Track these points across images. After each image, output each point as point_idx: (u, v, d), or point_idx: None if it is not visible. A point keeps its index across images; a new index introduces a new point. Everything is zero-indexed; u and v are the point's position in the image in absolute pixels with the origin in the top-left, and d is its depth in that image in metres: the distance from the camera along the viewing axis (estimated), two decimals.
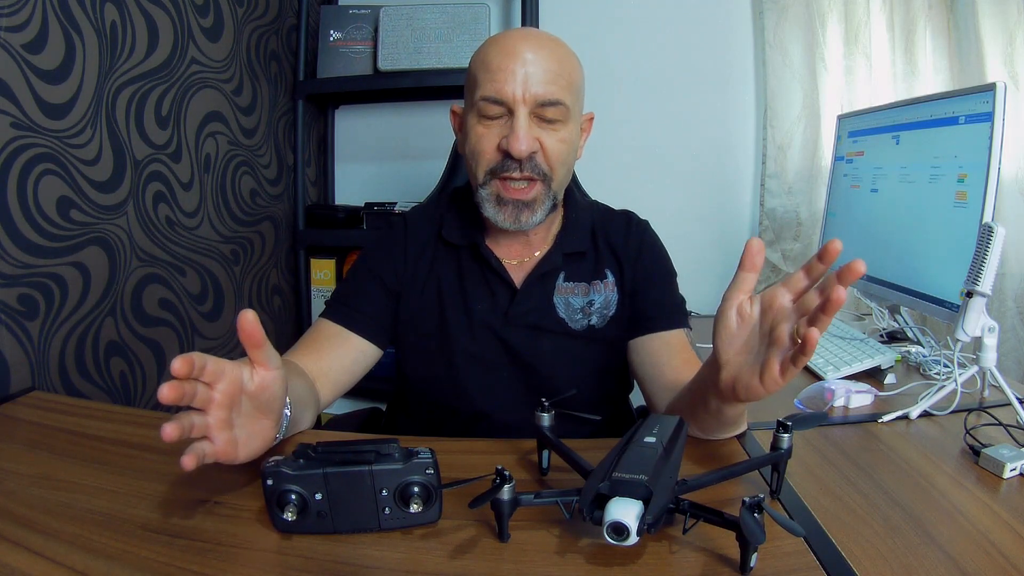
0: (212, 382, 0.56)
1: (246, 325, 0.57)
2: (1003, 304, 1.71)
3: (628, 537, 0.51)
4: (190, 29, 1.45)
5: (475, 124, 0.87)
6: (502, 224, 0.89)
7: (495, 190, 0.88)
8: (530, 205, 0.88)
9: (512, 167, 0.86)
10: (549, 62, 0.85)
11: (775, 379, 0.59)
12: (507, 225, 0.89)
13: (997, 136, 0.96)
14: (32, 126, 1.07)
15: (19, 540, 0.57)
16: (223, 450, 0.57)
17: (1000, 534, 0.60)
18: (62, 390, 1.14)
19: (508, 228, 0.89)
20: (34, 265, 1.08)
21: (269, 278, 1.83)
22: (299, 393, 0.76)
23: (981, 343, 0.90)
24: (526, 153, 0.84)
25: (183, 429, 0.54)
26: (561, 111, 0.86)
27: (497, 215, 0.88)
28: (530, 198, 0.88)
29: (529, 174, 0.86)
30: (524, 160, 0.85)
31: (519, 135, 0.83)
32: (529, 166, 0.86)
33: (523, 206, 0.88)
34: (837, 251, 0.56)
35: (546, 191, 0.89)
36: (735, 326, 0.64)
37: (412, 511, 0.58)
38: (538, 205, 0.89)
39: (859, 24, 1.81)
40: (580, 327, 0.96)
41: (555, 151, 0.87)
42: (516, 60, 0.84)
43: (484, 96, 0.85)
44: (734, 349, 0.64)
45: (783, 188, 1.88)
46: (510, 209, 0.88)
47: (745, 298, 0.64)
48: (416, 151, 2.09)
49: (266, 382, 0.60)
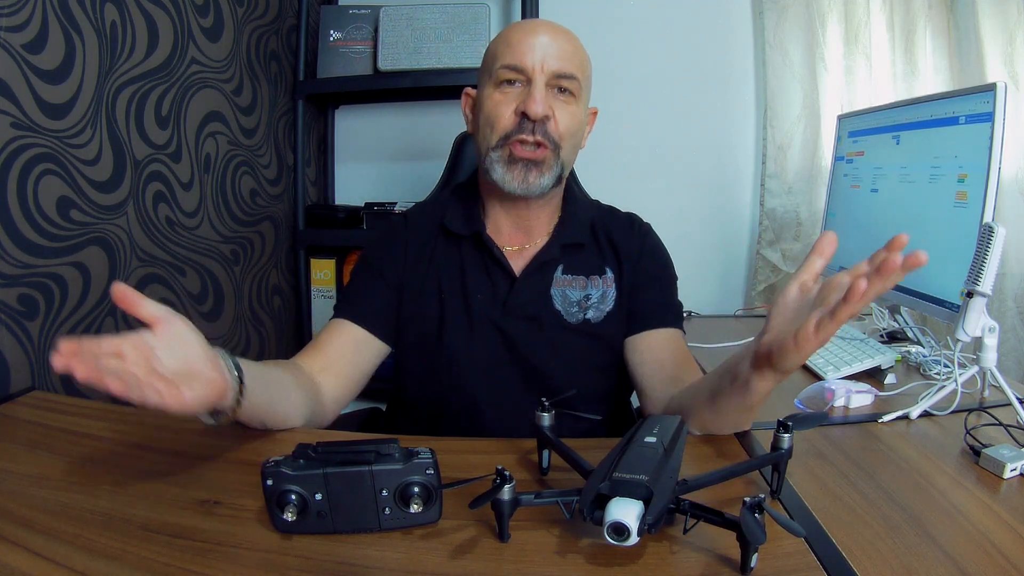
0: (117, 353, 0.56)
1: (116, 292, 0.60)
2: (1003, 304, 1.71)
3: (628, 537, 0.51)
4: (190, 29, 1.45)
5: (492, 92, 0.91)
6: (509, 187, 0.91)
7: (506, 152, 0.91)
8: (539, 165, 0.90)
9: (527, 128, 0.89)
10: (565, 43, 0.92)
11: (808, 335, 0.58)
12: (515, 187, 0.91)
13: (997, 136, 0.96)
14: (32, 126, 1.07)
15: (19, 540, 0.57)
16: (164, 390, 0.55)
17: (1000, 534, 0.60)
18: (62, 390, 1.14)
19: (515, 191, 0.91)
20: (34, 265, 1.08)
21: (269, 278, 1.83)
22: (275, 376, 0.80)
23: (981, 343, 0.90)
24: (542, 114, 0.88)
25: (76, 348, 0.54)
26: (575, 85, 0.91)
27: (506, 175, 0.91)
28: (540, 158, 0.90)
29: (541, 138, 0.89)
30: (538, 123, 0.88)
31: (536, 97, 0.88)
32: (541, 131, 0.89)
33: (532, 165, 0.90)
34: (903, 243, 0.58)
35: (555, 159, 0.91)
36: (792, 298, 0.65)
37: (412, 511, 0.58)
38: (546, 168, 0.91)
39: (859, 24, 1.81)
40: (576, 320, 0.96)
41: (566, 123, 0.91)
42: (536, 37, 0.90)
43: (504, 64, 0.90)
44: (784, 318, 0.65)
45: (783, 188, 1.88)
46: (519, 169, 0.90)
47: (809, 277, 0.65)
48: (416, 151, 2.09)
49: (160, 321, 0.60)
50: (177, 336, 0.61)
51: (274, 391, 0.77)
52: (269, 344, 1.82)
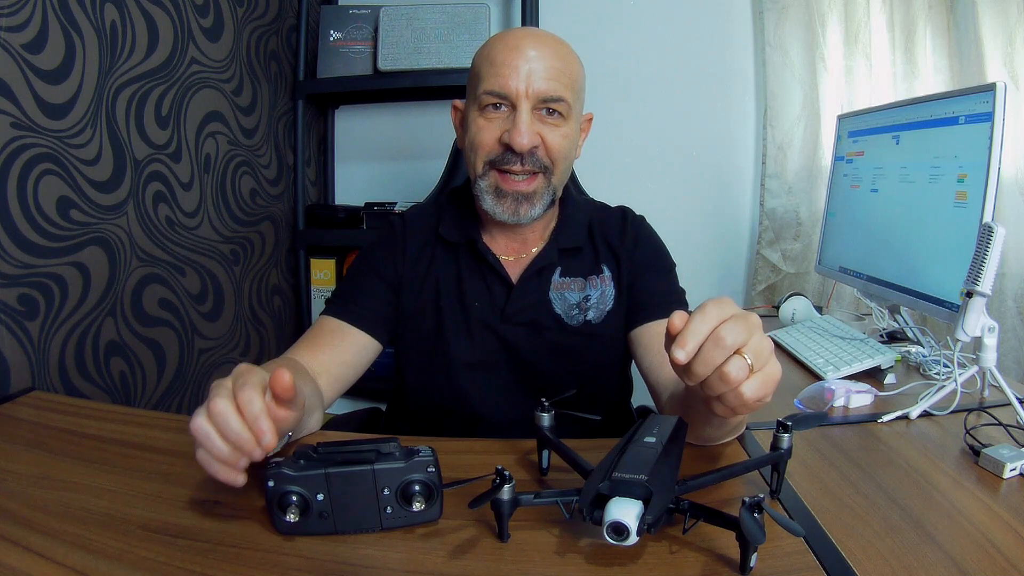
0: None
1: (283, 385, 0.57)
2: (1003, 304, 1.71)
3: (628, 537, 0.51)
4: (190, 29, 1.45)
5: (476, 117, 0.88)
6: (501, 217, 0.89)
7: (494, 181, 0.88)
8: (529, 198, 0.89)
9: (513, 160, 0.86)
10: (552, 60, 0.86)
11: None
12: (506, 218, 0.89)
13: (997, 136, 0.96)
14: (32, 126, 1.07)
15: (19, 540, 0.57)
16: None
17: (1000, 534, 0.60)
18: (62, 390, 1.14)
19: (507, 221, 0.90)
20: (34, 265, 1.08)
21: (269, 278, 1.83)
22: (305, 393, 0.74)
23: (981, 343, 0.90)
24: (528, 147, 0.85)
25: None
26: (563, 107, 0.87)
27: (496, 207, 0.89)
28: (530, 190, 0.88)
29: (530, 168, 0.87)
30: (525, 154, 0.86)
31: (521, 129, 0.84)
32: (530, 160, 0.87)
33: (523, 198, 0.88)
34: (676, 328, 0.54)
35: (546, 185, 0.89)
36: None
37: (414, 509, 0.58)
38: (537, 199, 0.89)
39: (859, 24, 1.81)
40: (576, 323, 0.96)
41: (556, 146, 0.88)
42: (520, 56, 0.85)
43: (487, 90, 0.86)
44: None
45: (783, 188, 1.89)
46: (509, 201, 0.88)
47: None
48: (416, 151, 2.09)
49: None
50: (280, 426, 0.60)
51: (307, 410, 0.74)
52: (269, 344, 1.82)
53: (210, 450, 0.54)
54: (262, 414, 0.54)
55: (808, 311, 1.46)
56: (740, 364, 0.53)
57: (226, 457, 0.54)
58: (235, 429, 0.53)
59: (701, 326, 0.53)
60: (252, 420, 0.53)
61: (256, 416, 0.53)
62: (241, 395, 0.54)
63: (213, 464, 0.55)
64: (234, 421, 0.53)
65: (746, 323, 0.54)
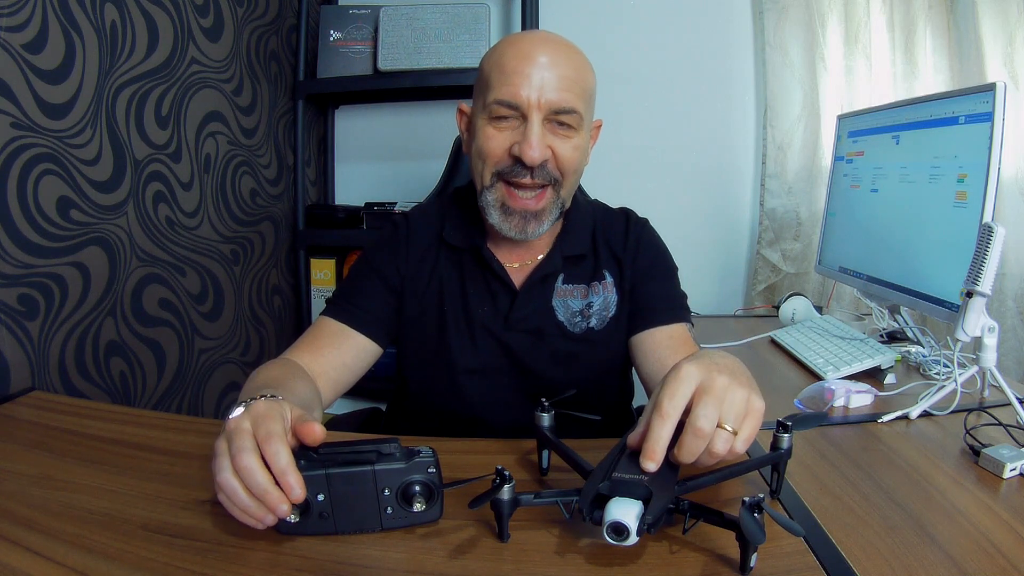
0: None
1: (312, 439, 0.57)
2: (1003, 304, 1.71)
3: (628, 537, 0.51)
4: (190, 29, 1.45)
5: (485, 125, 0.86)
6: (508, 233, 0.88)
7: (501, 196, 0.87)
8: (538, 216, 0.87)
9: (522, 173, 0.85)
10: (565, 68, 0.84)
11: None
12: (513, 235, 0.88)
13: (997, 136, 0.96)
14: (32, 126, 1.07)
15: (19, 540, 0.57)
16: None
17: (1000, 534, 0.60)
18: (62, 390, 1.14)
19: (514, 238, 0.89)
20: (34, 265, 1.08)
21: (269, 278, 1.83)
22: (305, 398, 0.75)
23: (981, 343, 0.90)
24: (539, 161, 0.83)
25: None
26: (575, 119, 0.85)
27: (503, 224, 0.88)
28: (539, 208, 0.87)
29: (540, 181, 0.85)
30: (535, 167, 0.84)
31: (532, 142, 0.82)
32: (540, 173, 0.85)
33: (531, 216, 0.87)
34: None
35: (555, 198, 0.88)
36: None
37: (415, 510, 0.58)
38: (545, 215, 0.88)
39: (859, 24, 1.81)
40: (579, 330, 0.95)
41: (567, 158, 0.86)
42: (532, 64, 0.82)
43: (497, 99, 0.83)
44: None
45: (783, 188, 1.89)
46: (517, 219, 0.87)
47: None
48: (416, 151, 2.09)
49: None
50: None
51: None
52: (269, 344, 1.82)
53: (237, 504, 0.55)
54: (289, 468, 0.54)
55: (808, 311, 1.46)
56: (724, 437, 0.55)
57: (253, 512, 0.55)
58: (262, 486, 0.53)
59: (662, 431, 0.55)
60: (280, 475, 0.53)
61: (283, 470, 0.53)
62: (267, 449, 0.54)
63: (239, 514, 0.56)
64: (261, 477, 0.53)
65: (712, 395, 0.55)
